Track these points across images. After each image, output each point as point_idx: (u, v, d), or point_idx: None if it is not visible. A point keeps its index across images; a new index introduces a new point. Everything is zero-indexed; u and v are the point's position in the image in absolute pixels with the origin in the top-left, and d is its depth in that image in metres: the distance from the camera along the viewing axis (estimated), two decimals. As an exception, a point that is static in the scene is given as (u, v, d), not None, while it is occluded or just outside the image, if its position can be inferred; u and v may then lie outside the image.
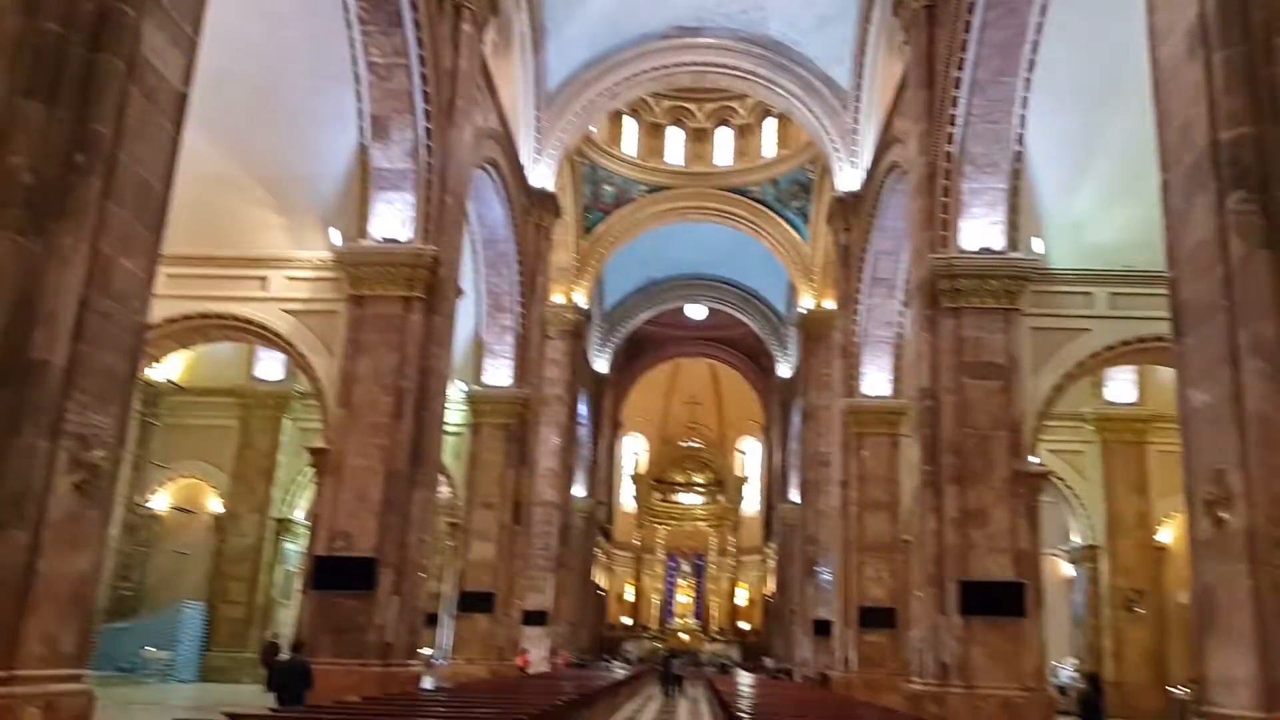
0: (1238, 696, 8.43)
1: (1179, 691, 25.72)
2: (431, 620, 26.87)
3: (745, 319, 51.70)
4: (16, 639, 8.05)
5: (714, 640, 59.78)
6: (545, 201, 30.92)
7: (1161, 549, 28.57)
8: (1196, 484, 9.09)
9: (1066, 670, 27.46)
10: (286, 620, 29.08)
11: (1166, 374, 23.64)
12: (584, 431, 49.41)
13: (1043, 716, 16.29)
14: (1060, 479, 28.08)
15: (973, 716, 15.64)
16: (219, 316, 19.48)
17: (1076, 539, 29.56)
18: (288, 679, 12.96)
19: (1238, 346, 8.37)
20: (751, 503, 64.18)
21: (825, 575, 34.07)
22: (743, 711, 14.47)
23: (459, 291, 21.16)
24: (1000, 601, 16.89)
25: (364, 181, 19.32)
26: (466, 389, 28.34)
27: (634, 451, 66.15)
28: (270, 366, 30.47)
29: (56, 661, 8.73)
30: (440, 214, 19.50)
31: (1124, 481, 28.85)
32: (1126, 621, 28.29)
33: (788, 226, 41.70)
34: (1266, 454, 8.12)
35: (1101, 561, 28.85)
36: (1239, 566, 8.36)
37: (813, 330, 39.48)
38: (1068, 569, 30.25)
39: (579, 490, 47.14)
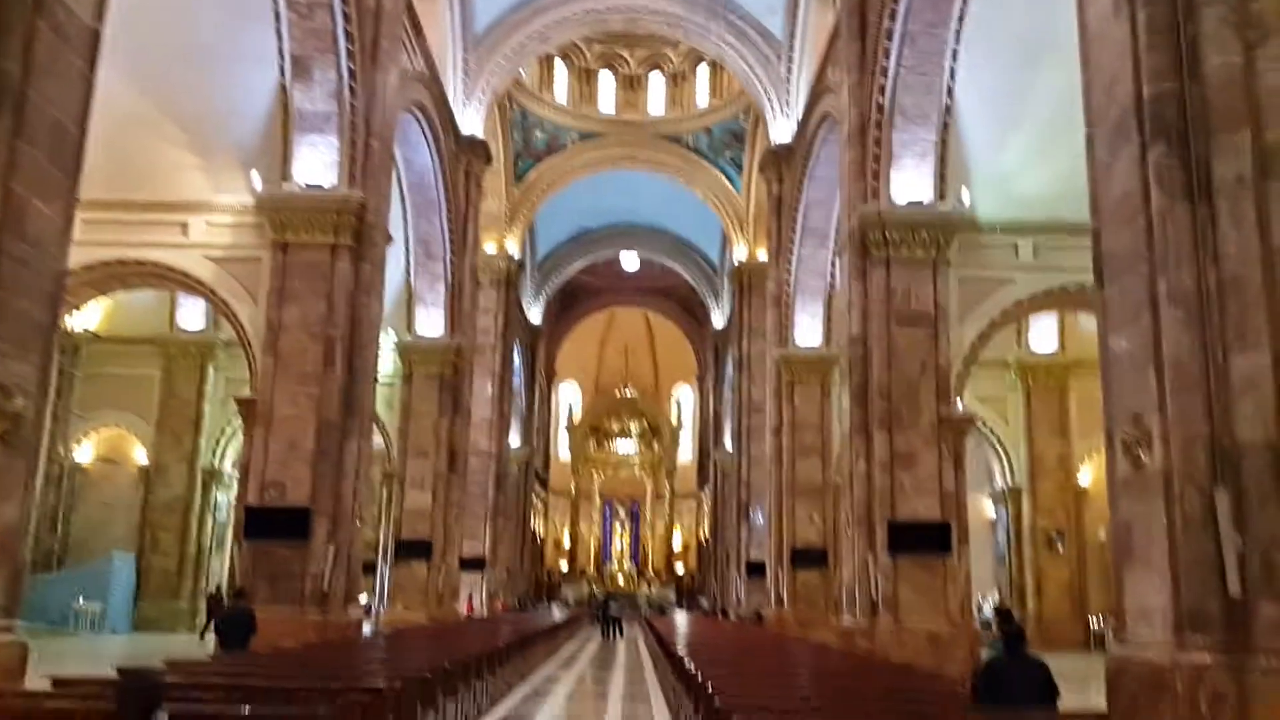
0: (1152, 625, 8.82)
1: (1096, 624, 26.84)
2: (369, 569, 26.84)
3: (679, 269, 51.74)
4: (-60, 594, 7.89)
5: (650, 583, 60.66)
6: (475, 147, 30.43)
7: (1081, 490, 29.59)
8: (1116, 426, 9.41)
9: (990, 605, 28.45)
10: (219, 570, 28.79)
11: (1087, 322, 24.32)
12: (518, 381, 49.30)
13: (967, 649, 16.92)
14: (984, 424, 28.83)
15: (900, 650, 16.17)
16: (138, 263, 18.94)
17: (1000, 481, 30.47)
18: (231, 627, 13.17)
19: (1157, 295, 8.63)
20: (686, 450, 64.85)
21: (759, 519, 34.65)
22: (679, 649, 14.73)
23: (388, 239, 20.82)
24: (927, 541, 17.44)
25: (285, 123, 18.72)
26: (398, 339, 28.03)
27: (569, 400, 66.28)
28: (192, 315, 29.79)
29: (-16, 614, 8.58)
30: (366, 158, 19.06)
31: (1045, 425, 29.76)
32: (1047, 559, 29.37)
33: (721, 176, 41.68)
34: (1182, 398, 8.42)
35: (1023, 502, 29.83)
36: (1155, 504, 8.70)
37: (746, 280, 39.72)
38: (991, 510, 31.19)
39: (514, 439, 47.13)
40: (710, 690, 8.35)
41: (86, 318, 27.83)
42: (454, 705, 11.36)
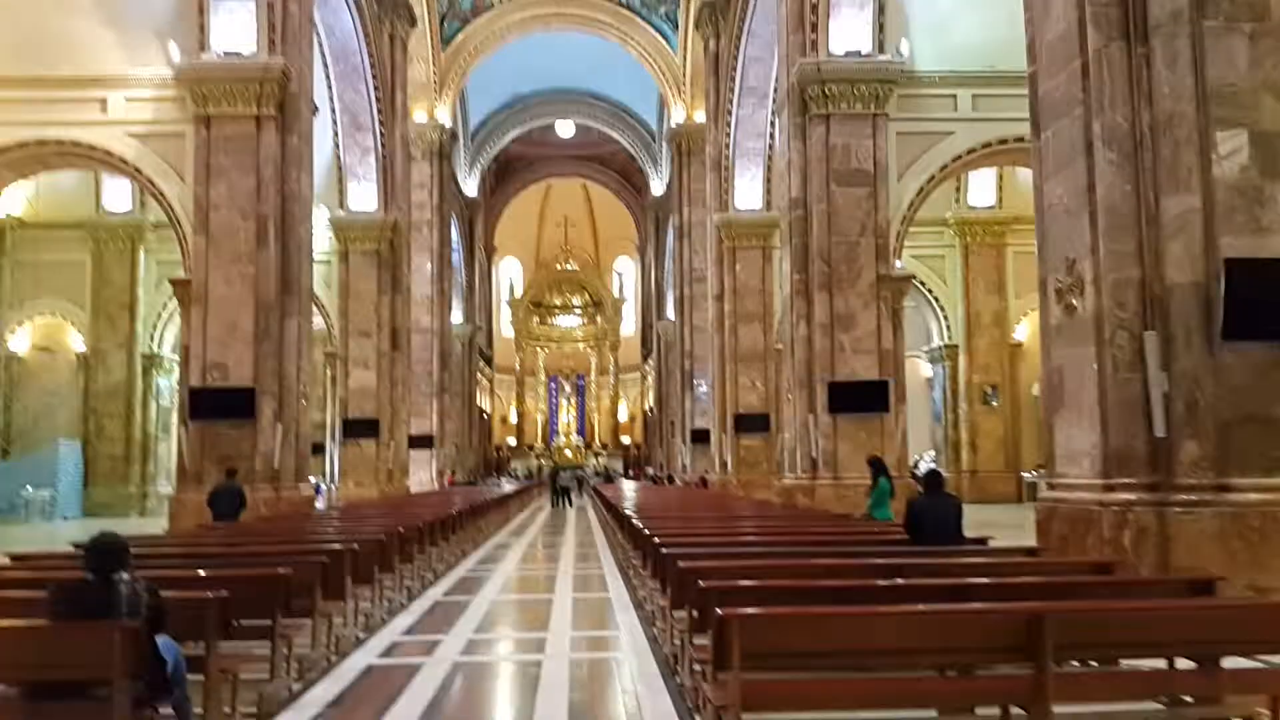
0: (1081, 467, 9.26)
1: (1029, 476, 27.97)
2: (318, 449, 26.94)
3: (616, 135, 50.96)
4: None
5: (598, 455, 61.71)
6: (398, 8, 29.24)
7: (1016, 346, 30.36)
8: (1050, 273, 9.68)
9: (926, 461, 29.43)
10: (168, 454, 28.75)
11: (1025, 177, 24.54)
12: (458, 257, 48.76)
13: (903, 501, 17.57)
14: (922, 283, 29.28)
15: (839, 504, 16.77)
16: (58, 143, 18.27)
17: (937, 340, 31.13)
18: (222, 502, 14.04)
19: (1092, 138, 8.76)
20: (629, 322, 65.15)
21: (702, 387, 35.22)
22: (628, 510, 15.16)
23: (314, 109, 20.24)
24: (865, 399, 17.93)
25: (200, -12, 18.00)
26: (331, 215, 27.48)
27: (509, 276, 65.79)
28: (119, 197, 28.88)
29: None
30: (285, 23, 18.36)
31: (983, 282, 30.26)
32: (982, 415, 30.28)
33: (655, 34, 40.65)
34: (1115, 242, 8.66)
35: (960, 359, 30.55)
36: (1086, 349, 9.03)
37: (684, 145, 39.31)
38: (928, 369, 31.97)
39: (457, 316, 46.91)
40: (658, 541, 8.66)
41: (10, 203, 26.88)
42: (410, 568, 11.64)
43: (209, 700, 5.22)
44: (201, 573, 6.63)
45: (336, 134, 27.16)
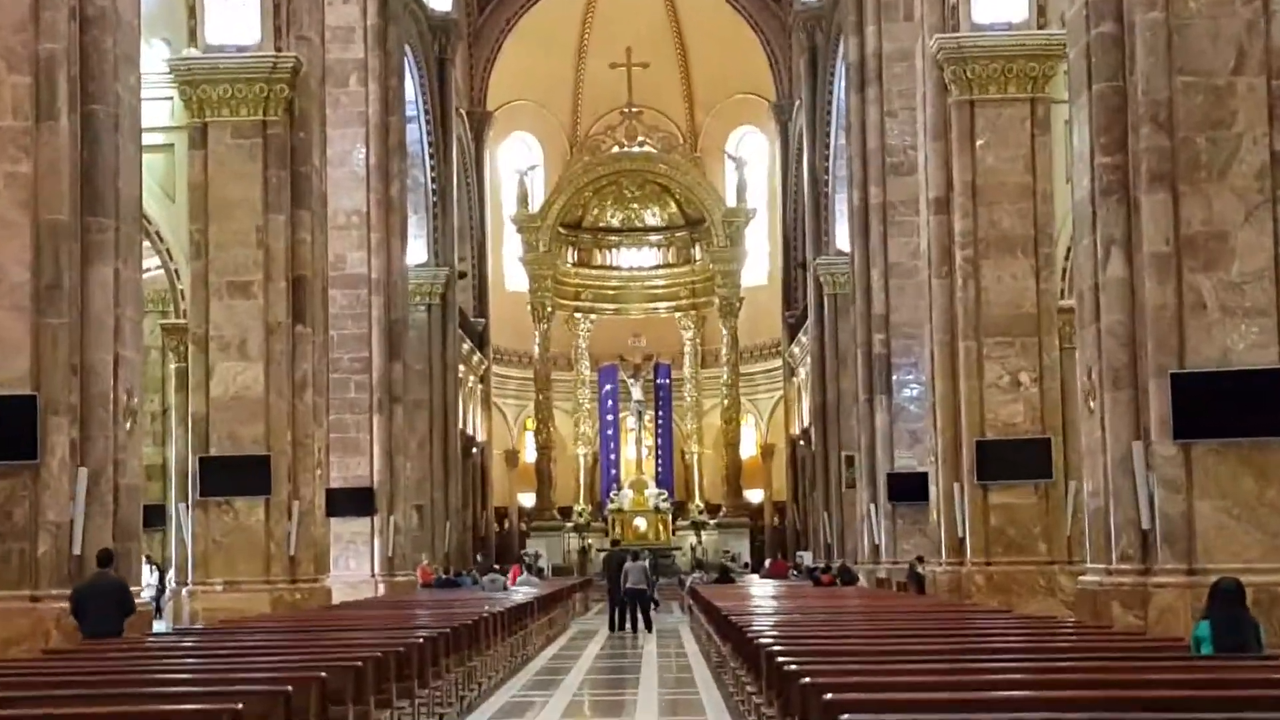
0: None
1: None
2: (154, 516, 27.32)
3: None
4: None
5: (700, 525, 61.68)
6: None
7: None
8: None
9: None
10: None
11: None
12: (418, 135, 49.19)
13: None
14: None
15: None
16: None
17: None
18: (94, 603, 16.00)
19: None
20: (758, 260, 65.04)
21: (910, 388, 35.11)
22: (766, 638, 15.13)
23: None
24: (1251, 412, 17.53)
25: None
26: (173, 57, 27.92)
27: (520, 170, 65.96)
28: None
29: None
30: None
31: None
32: None
33: None
34: None
35: None
36: None
37: (867, -99, 39.27)
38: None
39: (418, 254, 47.36)
40: (830, 699, 8.55)
41: None
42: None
43: None
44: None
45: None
